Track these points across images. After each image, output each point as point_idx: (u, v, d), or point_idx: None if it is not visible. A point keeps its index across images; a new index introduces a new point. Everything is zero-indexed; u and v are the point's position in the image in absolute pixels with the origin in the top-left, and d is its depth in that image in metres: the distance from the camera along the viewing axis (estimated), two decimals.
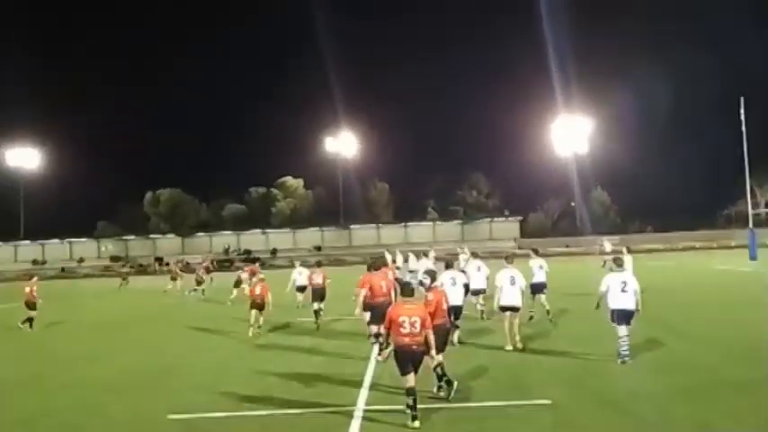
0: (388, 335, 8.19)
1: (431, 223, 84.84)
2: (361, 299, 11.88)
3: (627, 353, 10.16)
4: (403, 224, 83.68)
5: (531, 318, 14.61)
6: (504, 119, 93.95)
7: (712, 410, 7.68)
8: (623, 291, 10.31)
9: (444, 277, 11.84)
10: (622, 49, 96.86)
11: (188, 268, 33.79)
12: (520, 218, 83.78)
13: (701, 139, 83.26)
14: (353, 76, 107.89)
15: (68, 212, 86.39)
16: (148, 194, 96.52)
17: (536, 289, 15.05)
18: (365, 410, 8.22)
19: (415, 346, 7.68)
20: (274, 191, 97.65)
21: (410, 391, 7.50)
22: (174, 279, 32.10)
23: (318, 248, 74.52)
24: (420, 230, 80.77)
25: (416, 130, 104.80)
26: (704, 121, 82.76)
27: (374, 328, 11.58)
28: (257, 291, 15.43)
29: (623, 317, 10.25)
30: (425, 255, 21.02)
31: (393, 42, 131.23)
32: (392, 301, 11.25)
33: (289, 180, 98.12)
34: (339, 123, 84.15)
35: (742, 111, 39.98)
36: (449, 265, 12.42)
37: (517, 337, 11.82)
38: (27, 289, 18.89)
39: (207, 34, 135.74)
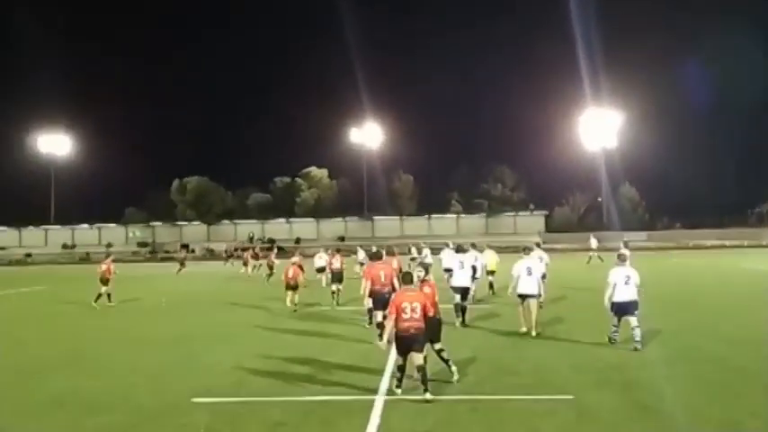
0: (386, 319, 8.79)
1: (454, 216, 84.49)
2: (366, 291, 12.53)
3: (637, 338, 10.81)
4: (426, 216, 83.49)
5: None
6: (530, 111, 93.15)
7: (740, 409, 7.53)
8: (626, 284, 11.06)
9: (454, 261, 14.10)
10: (654, 40, 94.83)
11: (259, 255, 36.16)
12: (545, 212, 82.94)
13: (734, 136, 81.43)
14: (379, 67, 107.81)
15: (97, 198, 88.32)
16: (176, 182, 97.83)
17: None
18: (385, 400, 8.23)
19: (414, 330, 8.30)
20: (299, 180, 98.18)
21: (419, 368, 8.16)
22: (245, 264, 34.34)
23: (342, 239, 74.73)
24: (444, 223, 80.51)
25: (442, 122, 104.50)
26: (738, 118, 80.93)
27: (378, 315, 12.23)
28: (290, 273, 17.70)
29: (625, 308, 10.98)
30: (447, 246, 21.31)
31: (419, 34, 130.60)
32: (394, 288, 11.67)
33: (313, 170, 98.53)
34: (364, 114, 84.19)
35: None
36: (459, 250, 14.64)
37: (533, 324, 12.46)
38: (103, 266, 20.21)
39: (235, 24, 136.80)
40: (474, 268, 14.87)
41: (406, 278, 9.09)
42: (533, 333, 12.32)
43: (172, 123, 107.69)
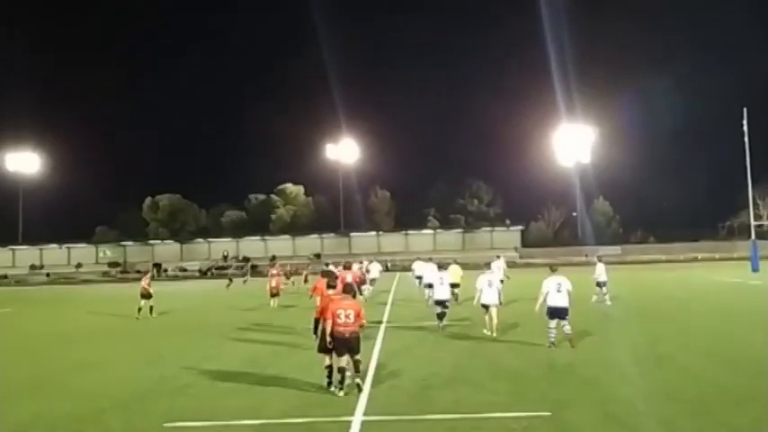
0: (325, 323, 9.70)
1: (431, 232, 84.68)
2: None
3: (569, 334, 12.56)
4: (404, 232, 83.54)
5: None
6: (506, 127, 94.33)
7: (714, 423, 7.56)
8: (558, 291, 12.54)
9: (434, 277, 16.47)
10: (626, 58, 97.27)
11: (290, 272, 37.21)
12: (521, 227, 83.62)
13: (704, 150, 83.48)
14: (355, 83, 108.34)
15: (67, 217, 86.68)
16: (147, 200, 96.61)
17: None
18: (363, 420, 8.09)
19: (348, 334, 9.39)
20: (274, 197, 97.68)
21: (340, 370, 9.39)
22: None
23: (318, 256, 74.34)
24: (421, 239, 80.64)
25: (418, 138, 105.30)
26: (708, 132, 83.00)
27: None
28: (273, 283, 24.64)
29: (558, 313, 12.50)
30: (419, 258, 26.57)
31: (396, 50, 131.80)
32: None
33: (289, 187, 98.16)
34: (340, 130, 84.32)
35: (745, 122, 39.99)
36: (440, 267, 17.56)
37: (493, 328, 14.33)
38: (143, 282, 23.06)
39: (207, 41, 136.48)
40: (453, 285, 17.21)
41: (346, 288, 10.35)
42: (494, 335, 14.23)
43: (143, 140, 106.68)
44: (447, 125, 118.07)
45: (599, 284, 21.22)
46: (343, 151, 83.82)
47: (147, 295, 22.40)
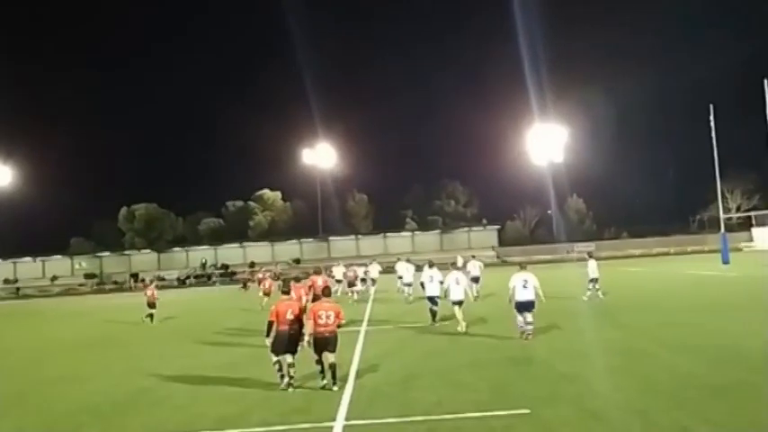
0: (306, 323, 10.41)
1: (410, 234, 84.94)
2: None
3: (529, 333, 13.59)
4: (382, 235, 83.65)
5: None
6: (480, 128, 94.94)
7: (690, 415, 7.73)
8: (524, 287, 13.60)
9: (424, 275, 17.27)
10: (597, 58, 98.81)
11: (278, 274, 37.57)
12: (498, 226, 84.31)
13: (674, 146, 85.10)
14: (331, 87, 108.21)
15: (41, 230, 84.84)
16: (123, 210, 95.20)
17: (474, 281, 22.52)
18: (344, 425, 8.15)
19: (327, 334, 10.06)
20: (252, 204, 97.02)
21: (331, 366, 10.04)
22: (350, 285, 30.99)
23: (297, 261, 74.08)
24: (399, 241, 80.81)
25: (394, 141, 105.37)
26: (677, 128, 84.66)
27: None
28: (266, 285, 27.25)
29: (524, 307, 13.62)
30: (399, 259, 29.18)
31: (370, 53, 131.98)
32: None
33: (266, 193, 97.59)
34: (317, 135, 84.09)
35: (712, 118, 40.90)
36: (431, 265, 17.94)
37: (461, 322, 15.59)
38: (149, 292, 24.16)
39: (181, 45, 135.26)
40: (475, 278, 19.62)
41: (325, 291, 11.33)
42: (463, 329, 15.38)
43: (117, 149, 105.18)
44: (422, 127, 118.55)
45: (591, 281, 21.40)
46: (320, 156, 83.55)
47: (153, 304, 23.60)
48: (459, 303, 15.66)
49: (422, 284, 17.68)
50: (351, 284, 28.15)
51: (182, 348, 16.26)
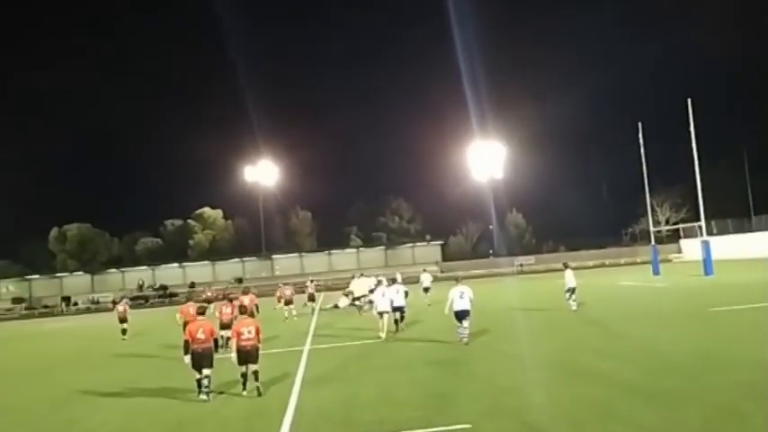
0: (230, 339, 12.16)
1: (354, 250, 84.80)
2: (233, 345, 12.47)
3: (465, 337, 15.20)
4: (326, 252, 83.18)
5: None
6: (423, 144, 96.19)
7: (623, 424, 7.96)
8: (461, 298, 15.29)
9: (392, 289, 19.17)
10: (534, 77, 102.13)
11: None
12: (441, 242, 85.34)
13: (607, 161, 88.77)
14: (272, 103, 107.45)
15: None
16: (54, 230, 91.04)
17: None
18: None
19: (249, 347, 11.31)
20: (192, 222, 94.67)
21: (244, 376, 11.28)
22: (287, 304, 29.30)
23: (240, 280, 72.58)
24: (344, 258, 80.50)
25: (337, 158, 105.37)
26: (609, 144, 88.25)
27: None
28: (246, 301, 19.42)
29: (461, 316, 15.25)
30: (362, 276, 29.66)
31: (313, 68, 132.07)
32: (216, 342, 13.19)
33: (207, 211, 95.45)
34: (258, 151, 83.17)
35: (641, 135, 42.91)
36: (393, 281, 20.95)
37: (384, 330, 17.75)
38: (120, 308, 26.22)
39: (116, 59, 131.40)
40: (406, 293, 19.74)
41: (242, 310, 13.12)
42: (383, 337, 17.48)
43: (47, 167, 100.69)
44: (366, 143, 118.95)
45: (569, 290, 21.37)
46: (262, 173, 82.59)
47: (124, 319, 25.32)
48: (384, 313, 18.01)
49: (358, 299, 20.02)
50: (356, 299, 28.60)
51: (116, 375, 15.59)
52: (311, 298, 30.74)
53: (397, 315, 19.00)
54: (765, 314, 16.92)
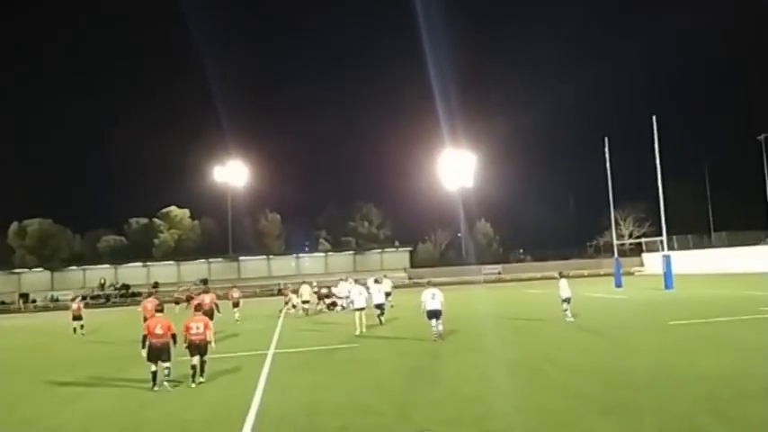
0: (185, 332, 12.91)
1: (323, 254, 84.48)
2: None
3: (439, 333, 17.08)
4: (294, 255, 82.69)
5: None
6: (394, 151, 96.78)
7: None
8: (433, 299, 17.33)
9: (373, 289, 23.24)
10: (503, 89, 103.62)
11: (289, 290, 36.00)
12: (410, 248, 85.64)
13: (573, 175, 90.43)
14: (242, 104, 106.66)
15: None
16: (14, 225, 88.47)
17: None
18: None
19: (198, 341, 12.69)
20: (157, 221, 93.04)
21: (193, 367, 12.59)
22: (234, 306, 30.82)
23: (205, 281, 71.54)
24: (312, 262, 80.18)
25: (308, 161, 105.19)
26: (575, 158, 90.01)
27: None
28: (206, 300, 23.43)
29: (434, 315, 17.21)
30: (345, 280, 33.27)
31: (285, 71, 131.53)
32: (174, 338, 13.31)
33: (173, 210, 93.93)
34: (228, 152, 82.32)
35: (606, 150, 43.90)
36: (377, 281, 24.71)
37: (361, 327, 20.20)
38: (74, 306, 26.78)
39: (83, 51, 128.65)
40: (387, 293, 24.43)
41: (197, 308, 14.57)
42: (363, 331, 19.87)
43: (6, 159, 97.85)
44: (337, 148, 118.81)
45: (564, 300, 20.94)
46: (232, 173, 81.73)
47: (78, 317, 26.02)
48: (359, 310, 20.61)
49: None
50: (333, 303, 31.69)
51: (73, 375, 15.19)
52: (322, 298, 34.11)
53: (378, 311, 22.60)
54: (724, 328, 17.43)
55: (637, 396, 9.94)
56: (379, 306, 22.80)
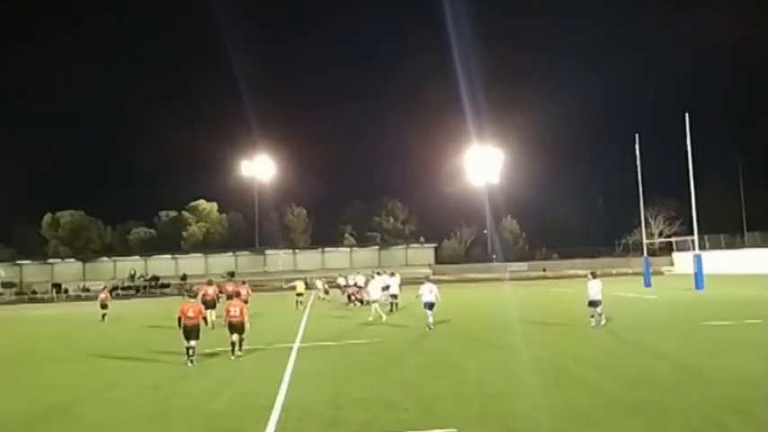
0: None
1: (348, 249, 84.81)
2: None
3: (431, 323, 19.44)
4: (320, 250, 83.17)
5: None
6: (421, 148, 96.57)
7: None
8: (430, 293, 19.81)
9: (392, 281, 27.24)
10: (531, 84, 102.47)
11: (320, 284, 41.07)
12: (434, 244, 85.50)
13: (603, 172, 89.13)
14: (270, 99, 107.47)
15: None
16: (47, 216, 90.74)
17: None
18: None
19: (235, 322, 15.12)
20: (186, 214, 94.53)
21: (233, 344, 15.17)
22: (326, 292, 38.32)
23: (232, 274, 72.45)
24: (337, 256, 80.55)
25: (335, 157, 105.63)
26: (605, 155, 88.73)
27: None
28: (210, 291, 23.85)
29: (429, 306, 19.66)
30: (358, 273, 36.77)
31: (313, 68, 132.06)
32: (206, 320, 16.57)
33: (202, 203, 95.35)
34: (255, 146, 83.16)
35: (637, 146, 43.15)
36: (392, 275, 28.50)
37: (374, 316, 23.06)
38: (102, 295, 29.08)
39: (115, 46, 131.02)
40: (400, 286, 27.45)
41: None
42: (380, 318, 22.91)
43: (42, 153, 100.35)
44: (364, 144, 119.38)
45: (592, 304, 18.83)
46: (259, 168, 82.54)
47: (105, 306, 28.14)
48: (374, 302, 23.96)
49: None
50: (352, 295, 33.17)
51: (102, 365, 15.57)
52: (326, 292, 38.28)
53: (392, 301, 25.97)
54: (754, 331, 17.04)
55: (664, 396, 9.79)
56: (393, 297, 26.33)
